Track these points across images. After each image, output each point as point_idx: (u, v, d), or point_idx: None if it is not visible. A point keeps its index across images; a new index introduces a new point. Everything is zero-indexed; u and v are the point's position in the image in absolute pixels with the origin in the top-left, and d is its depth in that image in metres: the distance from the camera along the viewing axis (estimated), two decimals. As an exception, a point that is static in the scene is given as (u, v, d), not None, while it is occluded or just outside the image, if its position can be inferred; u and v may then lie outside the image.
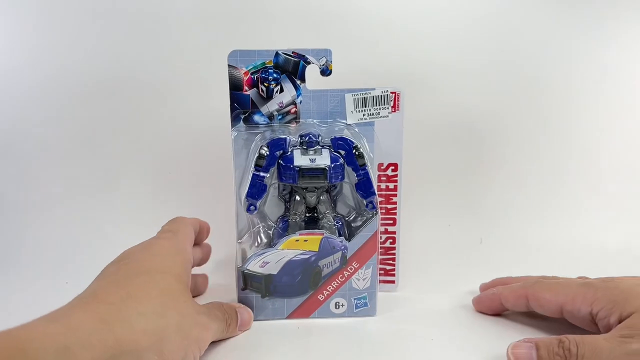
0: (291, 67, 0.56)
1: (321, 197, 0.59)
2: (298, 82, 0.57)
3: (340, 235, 0.58)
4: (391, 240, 0.63)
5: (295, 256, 0.56)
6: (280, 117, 0.58)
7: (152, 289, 0.44)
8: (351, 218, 0.61)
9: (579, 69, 0.86)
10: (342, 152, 0.57)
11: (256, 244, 0.59)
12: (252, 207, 0.57)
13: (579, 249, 0.80)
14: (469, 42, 0.84)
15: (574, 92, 0.87)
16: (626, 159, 0.88)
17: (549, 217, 0.86)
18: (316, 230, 0.58)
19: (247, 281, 0.56)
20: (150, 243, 0.52)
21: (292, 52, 0.56)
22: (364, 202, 0.58)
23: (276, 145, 0.56)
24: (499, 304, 0.58)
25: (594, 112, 0.87)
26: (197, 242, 0.62)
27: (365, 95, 0.58)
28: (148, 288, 0.44)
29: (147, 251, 0.50)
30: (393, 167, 0.61)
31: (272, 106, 0.57)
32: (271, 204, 0.60)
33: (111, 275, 0.46)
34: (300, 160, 0.57)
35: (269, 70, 0.56)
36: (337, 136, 0.57)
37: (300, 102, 0.57)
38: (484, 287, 0.65)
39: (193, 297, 0.61)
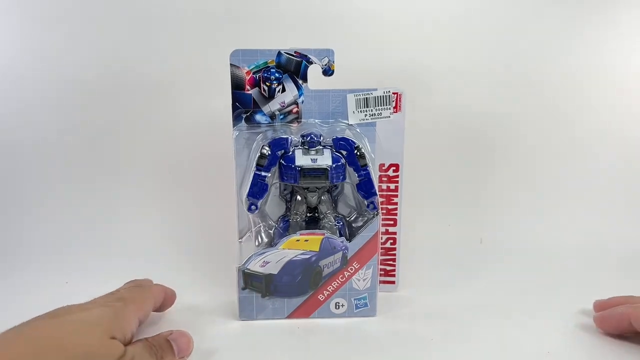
0: (293, 67, 0.56)
1: (322, 197, 0.59)
2: (300, 81, 0.57)
3: (341, 235, 0.58)
4: (392, 241, 0.63)
5: (295, 256, 0.56)
6: (281, 116, 0.58)
7: (62, 347, 0.39)
8: (352, 218, 0.61)
9: (580, 70, 0.86)
10: (344, 152, 0.57)
11: (257, 244, 0.59)
12: (253, 207, 0.57)
13: (580, 249, 0.80)
14: (470, 43, 0.84)
15: (575, 93, 0.86)
16: (629, 158, 0.88)
17: (550, 217, 0.86)
18: (317, 230, 0.57)
19: (247, 281, 0.56)
20: (90, 305, 0.47)
21: (295, 52, 0.56)
22: (365, 202, 0.58)
23: (278, 144, 0.56)
24: (627, 324, 0.54)
25: (594, 111, 0.87)
26: (158, 310, 0.59)
27: (367, 96, 0.58)
28: (59, 345, 0.39)
29: (82, 308, 0.45)
30: (394, 168, 0.61)
31: (273, 106, 0.57)
32: (272, 203, 0.60)
33: (26, 329, 0.41)
34: (302, 160, 0.56)
35: (271, 70, 0.56)
36: (339, 136, 0.57)
37: (302, 102, 0.57)
38: (601, 306, 0.61)
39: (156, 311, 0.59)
